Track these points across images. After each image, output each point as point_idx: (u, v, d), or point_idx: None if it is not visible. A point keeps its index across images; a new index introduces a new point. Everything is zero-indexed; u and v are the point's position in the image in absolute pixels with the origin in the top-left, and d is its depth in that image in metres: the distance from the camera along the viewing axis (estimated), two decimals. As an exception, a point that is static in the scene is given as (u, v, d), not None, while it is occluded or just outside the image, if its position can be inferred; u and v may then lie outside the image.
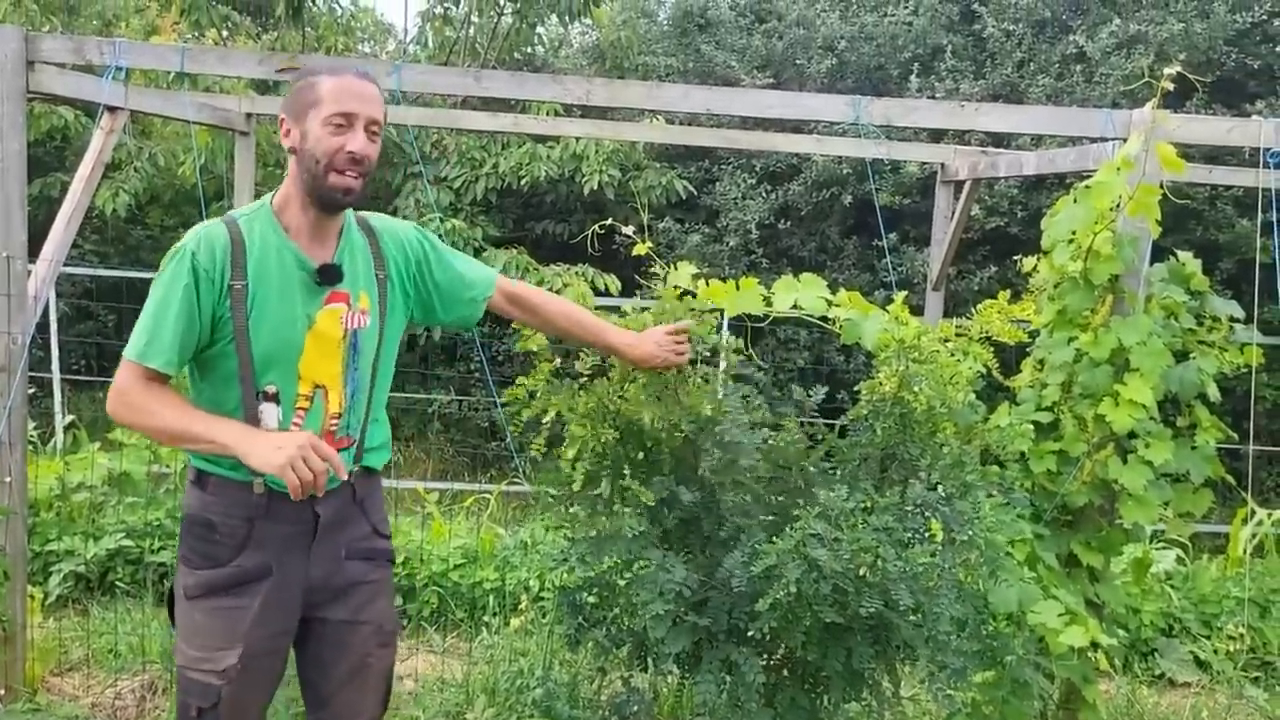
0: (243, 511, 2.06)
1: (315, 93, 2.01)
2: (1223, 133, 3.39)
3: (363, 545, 2.20)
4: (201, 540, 2.08)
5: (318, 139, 1.99)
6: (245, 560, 2.06)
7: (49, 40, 3.47)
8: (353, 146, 1.99)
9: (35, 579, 4.39)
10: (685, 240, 7.90)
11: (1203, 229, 7.23)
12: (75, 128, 7.88)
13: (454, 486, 6.83)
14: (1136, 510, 2.95)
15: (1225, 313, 3.21)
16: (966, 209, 4.90)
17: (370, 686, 2.26)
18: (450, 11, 8.63)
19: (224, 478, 2.06)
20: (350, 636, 2.20)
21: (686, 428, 2.43)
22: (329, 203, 2.03)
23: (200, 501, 2.09)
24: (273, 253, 2.03)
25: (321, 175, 2.00)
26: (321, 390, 2.08)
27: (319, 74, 2.04)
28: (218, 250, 1.99)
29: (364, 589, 2.20)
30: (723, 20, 9.03)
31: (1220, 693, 4.36)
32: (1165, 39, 7.23)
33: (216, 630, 2.06)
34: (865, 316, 2.66)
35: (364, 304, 2.13)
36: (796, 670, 2.52)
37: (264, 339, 2.00)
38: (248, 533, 2.06)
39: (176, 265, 1.98)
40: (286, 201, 2.08)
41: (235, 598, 2.06)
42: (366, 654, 2.22)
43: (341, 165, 1.99)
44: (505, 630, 4.22)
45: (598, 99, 3.43)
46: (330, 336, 2.07)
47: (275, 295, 2.01)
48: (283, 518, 2.08)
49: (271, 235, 2.04)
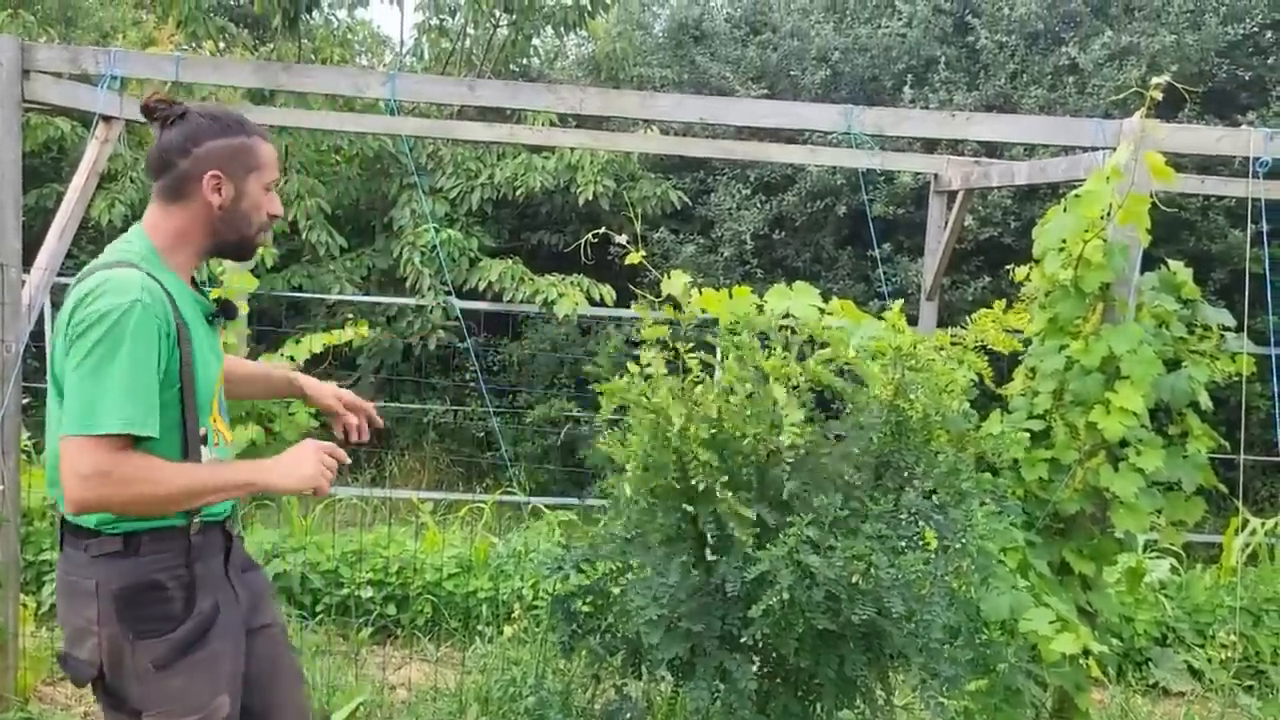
0: (182, 559, 1.98)
1: (256, 157, 2.05)
2: (1212, 142, 3.41)
3: (243, 557, 2.23)
4: (153, 605, 1.95)
5: (256, 204, 2.07)
6: (201, 604, 1.99)
7: (45, 49, 3.48)
8: (277, 210, 2.12)
9: (28, 588, 4.38)
10: (680, 251, 7.92)
11: (1195, 239, 7.26)
12: (72, 139, 7.88)
13: (449, 496, 6.82)
14: (1128, 518, 2.96)
15: (1216, 321, 3.23)
16: (960, 219, 4.92)
17: (298, 688, 2.32)
18: (446, 23, 8.66)
19: (160, 530, 1.95)
20: (270, 644, 2.22)
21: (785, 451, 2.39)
22: (242, 258, 2.15)
23: (133, 569, 1.94)
24: (184, 296, 2.00)
25: (253, 236, 2.09)
26: (216, 422, 2.11)
27: (251, 135, 2.05)
28: (162, 298, 1.91)
29: (264, 594, 2.25)
30: (717, 32, 9.07)
31: (1214, 701, 4.37)
32: (1157, 50, 7.26)
33: (202, 685, 1.98)
34: (858, 325, 2.68)
35: (222, 334, 2.21)
36: (789, 677, 2.52)
37: (200, 383, 1.99)
38: (191, 579, 1.98)
39: (138, 322, 1.84)
40: (177, 244, 2.02)
41: (205, 647, 1.98)
42: (285, 655, 2.26)
43: (265, 227, 2.11)
44: (499, 639, 4.22)
45: (591, 108, 3.44)
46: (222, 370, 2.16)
47: (198, 339, 2.01)
48: (211, 550, 2.06)
49: (172, 279, 1.99)
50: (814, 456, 2.41)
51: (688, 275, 2.57)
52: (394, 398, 8.03)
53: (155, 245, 2.00)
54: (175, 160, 2.00)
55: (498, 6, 8.03)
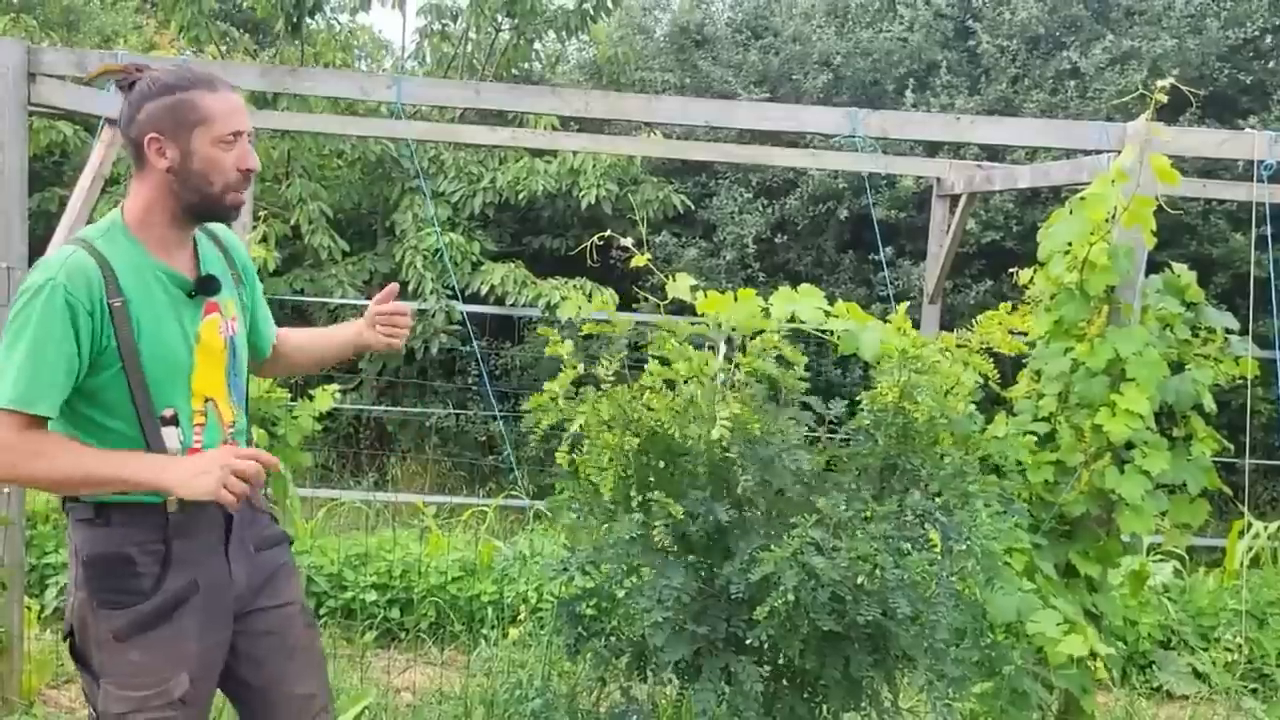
0: (158, 535, 1.97)
1: (199, 111, 1.94)
2: (1215, 145, 3.42)
3: (264, 534, 2.19)
4: (119, 578, 1.95)
5: (210, 159, 1.95)
6: (170, 584, 1.97)
7: (50, 53, 3.49)
8: (249, 164, 1.99)
9: (32, 591, 4.38)
10: (682, 254, 7.92)
11: (1197, 243, 7.27)
12: (74, 143, 7.89)
13: (452, 500, 6.82)
14: (1134, 520, 2.96)
15: (1220, 325, 3.23)
16: (962, 223, 4.93)
17: (314, 665, 2.24)
18: (448, 28, 8.67)
19: (129, 504, 1.96)
20: (281, 621, 2.17)
21: (733, 446, 2.39)
22: (218, 217, 2.05)
23: (105, 538, 1.95)
24: (141, 271, 1.96)
25: (218, 195, 1.97)
26: (211, 403, 2.04)
27: (189, 89, 1.95)
28: (92, 278, 1.88)
29: (279, 573, 2.20)
30: (719, 36, 9.08)
31: (1219, 704, 4.36)
32: (1159, 55, 7.27)
33: (159, 663, 1.96)
34: (864, 328, 2.68)
35: (232, 310, 2.12)
36: (795, 679, 2.52)
37: (153, 361, 1.94)
38: (166, 554, 1.97)
39: (47, 301, 1.84)
40: (146, 217, 1.99)
41: (170, 624, 1.97)
42: (298, 635, 2.20)
43: (237, 184, 1.99)
44: (503, 642, 4.21)
45: (596, 111, 3.46)
46: (214, 348, 2.05)
47: (153, 314, 1.95)
48: (198, 528, 2.02)
49: (134, 254, 1.96)
50: (758, 448, 2.40)
51: (690, 279, 2.58)
52: (396, 402, 8.04)
53: (125, 220, 1.99)
54: (128, 131, 1.98)
55: (500, 11, 8.04)
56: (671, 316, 2.55)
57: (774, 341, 2.46)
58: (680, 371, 2.50)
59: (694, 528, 2.36)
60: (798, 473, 2.40)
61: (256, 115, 5.34)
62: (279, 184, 7.73)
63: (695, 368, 2.48)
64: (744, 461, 2.38)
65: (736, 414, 2.36)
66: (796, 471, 2.39)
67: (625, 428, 2.44)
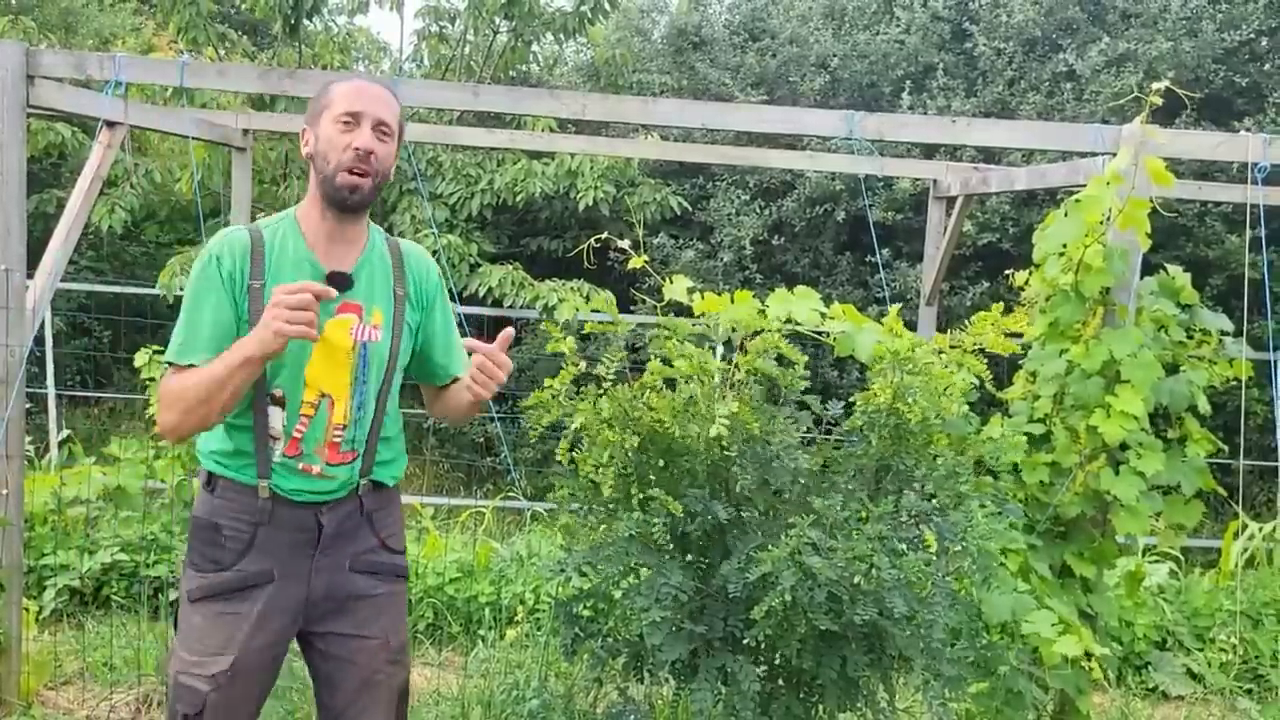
0: (248, 516, 2.08)
1: (328, 96, 2.07)
2: (1211, 147, 3.43)
3: (368, 558, 2.18)
4: (207, 544, 2.09)
5: (328, 139, 2.04)
6: (248, 565, 2.08)
7: (49, 55, 3.50)
8: (359, 143, 2.01)
9: (30, 592, 4.38)
10: (679, 256, 7.94)
11: (1192, 245, 7.29)
12: (72, 144, 7.90)
13: (449, 501, 6.83)
14: (1129, 521, 2.98)
15: (1215, 326, 3.25)
16: (959, 225, 4.94)
17: (381, 704, 2.21)
18: (446, 30, 8.68)
19: (231, 480, 2.09)
20: (356, 652, 2.17)
21: (732, 446, 2.41)
22: (338, 202, 2.05)
23: (209, 505, 2.11)
24: (290, 256, 2.06)
25: (331, 175, 2.03)
26: (328, 399, 2.08)
27: (331, 81, 2.12)
28: (238, 251, 2.04)
29: (368, 603, 2.18)
30: (716, 38, 9.10)
31: (1214, 704, 4.38)
32: (1154, 57, 7.30)
33: (213, 635, 2.07)
34: (859, 329, 2.69)
35: (377, 319, 2.12)
36: (792, 679, 2.53)
37: None
38: (251, 538, 2.08)
39: (203, 269, 2.03)
40: (308, 210, 2.11)
41: (235, 603, 2.07)
42: (375, 670, 2.18)
43: (349, 163, 2.01)
44: (501, 643, 4.22)
45: (594, 114, 3.46)
46: (339, 346, 2.07)
47: None
48: (286, 524, 2.09)
49: (291, 241, 2.08)
50: (757, 448, 2.41)
51: (688, 281, 2.59)
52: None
53: (297, 212, 2.13)
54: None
55: (497, 13, 8.05)
56: (672, 317, 2.57)
57: (774, 341, 2.47)
58: (680, 370, 2.51)
59: (693, 526, 2.37)
60: (795, 472, 2.41)
61: (256, 117, 5.35)
62: (277, 186, 7.74)
63: (694, 366, 2.49)
64: (742, 461, 2.40)
65: (735, 413, 2.37)
66: (794, 471, 2.40)
67: (625, 426, 2.44)
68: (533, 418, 2.48)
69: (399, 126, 2.12)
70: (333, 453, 2.10)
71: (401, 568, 2.26)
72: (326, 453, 2.09)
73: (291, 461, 2.08)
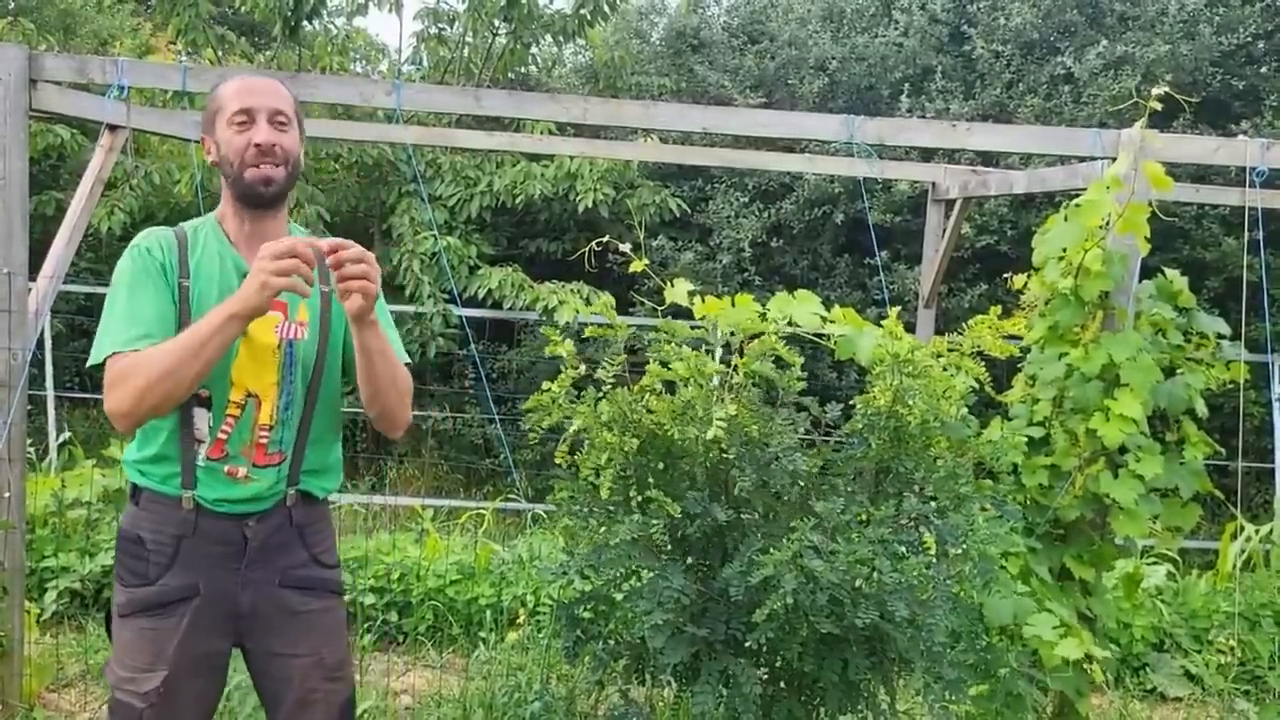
0: (171, 529, 2.04)
1: (218, 100, 2.07)
2: (1209, 152, 3.45)
3: (299, 574, 2.14)
4: (131, 557, 2.06)
5: (228, 141, 2.03)
6: (171, 579, 2.04)
7: (51, 59, 3.51)
8: (259, 138, 2.01)
9: (31, 595, 4.39)
10: (678, 258, 7.95)
11: (1190, 247, 7.31)
12: (71, 146, 7.90)
13: (449, 503, 6.83)
14: (1127, 524, 2.99)
15: (1212, 329, 3.26)
16: (957, 227, 4.96)
17: None
18: (445, 32, 8.69)
19: (154, 493, 2.06)
20: (289, 669, 2.13)
21: (731, 448, 2.41)
22: (254, 199, 2.05)
23: (133, 518, 2.08)
24: (214, 256, 2.06)
25: (238, 174, 2.03)
26: (254, 399, 2.05)
27: (218, 84, 2.11)
28: (167, 247, 2.03)
29: (300, 619, 2.14)
30: (715, 41, 9.11)
31: (1211, 706, 4.40)
32: (1152, 60, 7.32)
33: (142, 650, 2.04)
34: (860, 332, 2.70)
35: (302, 316, 2.10)
36: (793, 682, 2.54)
37: None
38: (175, 551, 2.04)
39: (136, 259, 2.01)
40: (226, 214, 2.12)
41: (161, 618, 2.04)
42: (310, 689, 2.14)
43: (252, 159, 2.01)
44: (502, 645, 4.23)
45: (595, 117, 3.48)
46: (263, 344, 2.05)
47: (212, 298, 2.00)
48: (210, 537, 2.05)
49: (214, 241, 2.08)
50: (753, 449, 2.42)
51: (688, 283, 2.59)
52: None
53: (215, 214, 2.14)
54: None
55: (497, 15, 8.06)
56: (670, 320, 2.58)
57: (772, 343, 2.48)
58: (679, 372, 2.52)
59: (692, 528, 2.38)
60: (794, 474, 2.42)
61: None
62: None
63: (692, 369, 2.50)
64: (741, 463, 2.41)
65: (733, 415, 2.38)
66: (793, 473, 2.41)
67: (625, 429, 2.45)
68: (532, 420, 2.49)
69: (296, 114, 2.10)
70: (260, 454, 2.07)
71: (334, 583, 2.22)
72: (254, 453, 2.06)
73: (217, 465, 2.04)
